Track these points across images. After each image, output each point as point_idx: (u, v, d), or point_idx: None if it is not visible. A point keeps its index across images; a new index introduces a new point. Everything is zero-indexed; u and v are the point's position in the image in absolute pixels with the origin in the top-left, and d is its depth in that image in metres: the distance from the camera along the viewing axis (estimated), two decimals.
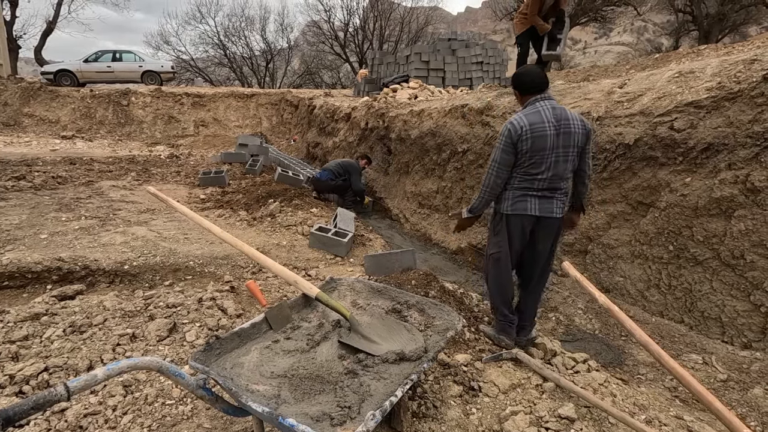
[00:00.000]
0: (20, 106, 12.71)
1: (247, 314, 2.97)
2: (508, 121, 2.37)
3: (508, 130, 2.33)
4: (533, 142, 2.29)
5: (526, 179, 2.39)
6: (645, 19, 30.79)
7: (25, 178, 6.25)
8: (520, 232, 2.48)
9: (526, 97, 2.43)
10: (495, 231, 2.57)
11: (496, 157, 2.39)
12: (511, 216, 2.46)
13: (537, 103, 2.38)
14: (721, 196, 2.95)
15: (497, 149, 2.39)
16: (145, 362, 1.25)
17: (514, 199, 2.44)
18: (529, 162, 2.34)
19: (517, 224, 2.46)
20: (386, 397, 1.39)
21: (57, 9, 18.74)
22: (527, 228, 2.48)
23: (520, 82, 2.45)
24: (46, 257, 3.43)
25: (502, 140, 2.36)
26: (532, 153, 2.31)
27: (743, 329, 2.84)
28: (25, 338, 2.40)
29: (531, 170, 2.36)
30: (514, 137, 2.31)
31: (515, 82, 2.48)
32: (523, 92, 2.45)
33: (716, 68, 3.43)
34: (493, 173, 2.42)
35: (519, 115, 2.37)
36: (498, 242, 2.55)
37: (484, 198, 2.52)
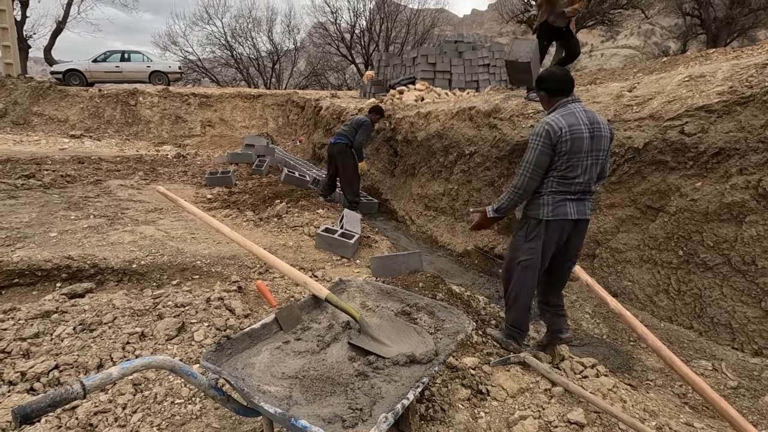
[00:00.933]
0: (30, 105, 12.83)
1: (255, 314, 2.98)
2: (544, 122, 2.29)
3: (546, 131, 2.24)
4: (572, 144, 2.24)
5: (563, 183, 2.33)
6: (652, 22, 30.66)
7: (35, 177, 6.31)
8: (558, 238, 2.41)
9: (555, 99, 2.38)
10: (528, 237, 2.45)
11: (532, 159, 2.29)
12: (551, 222, 2.37)
13: (569, 105, 2.33)
14: (732, 201, 2.93)
15: (533, 150, 2.29)
16: (158, 361, 1.26)
17: (554, 205, 2.35)
18: (566, 165, 2.28)
19: (556, 230, 2.39)
20: (398, 399, 1.38)
21: (66, 9, 18.93)
22: (566, 233, 2.41)
23: (549, 84, 2.39)
24: (56, 255, 3.46)
25: (539, 141, 2.27)
26: (570, 155, 2.26)
27: (754, 336, 2.81)
28: (35, 336, 2.42)
29: (568, 174, 2.30)
30: (553, 138, 2.23)
31: (543, 84, 2.42)
32: (551, 94, 2.39)
33: (728, 72, 3.40)
34: (527, 175, 2.32)
35: (555, 116, 2.29)
36: (530, 249, 2.44)
37: (514, 200, 2.41)
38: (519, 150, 4.64)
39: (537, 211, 2.40)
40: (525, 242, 2.47)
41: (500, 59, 11.46)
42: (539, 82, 2.45)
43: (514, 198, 2.41)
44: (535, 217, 2.41)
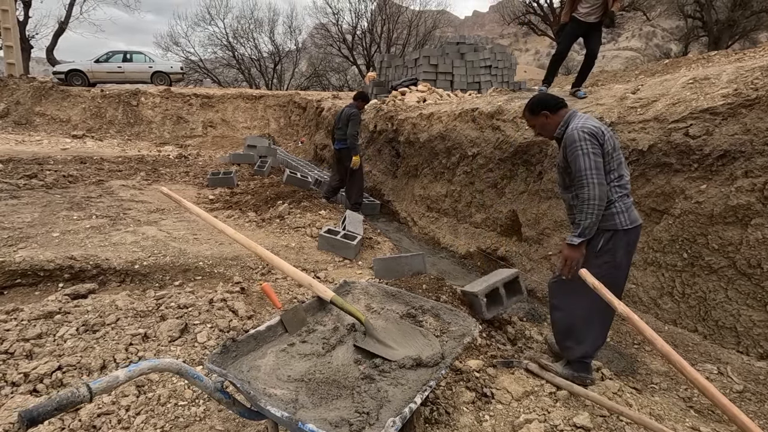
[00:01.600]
0: (32, 105, 12.84)
1: (258, 316, 2.97)
2: (578, 128, 2.17)
3: (588, 133, 2.13)
4: (613, 142, 2.19)
5: (623, 185, 2.21)
6: (654, 24, 30.65)
7: (37, 177, 6.31)
8: (634, 246, 2.29)
9: (562, 111, 2.35)
10: (599, 252, 2.23)
11: (590, 164, 2.10)
12: (630, 230, 2.21)
13: (578, 114, 2.31)
14: (738, 203, 2.92)
15: (585, 155, 2.11)
16: (165, 364, 1.25)
17: (628, 211, 2.21)
18: (615, 163, 2.19)
19: (634, 238, 2.26)
20: (405, 403, 1.37)
21: (69, 10, 18.97)
22: (638, 240, 2.29)
23: (548, 102, 2.36)
24: (59, 255, 3.46)
25: (586, 144, 2.12)
26: (615, 153, 2.19)
27: (759, 339, 2.80)
28: (38, 336, 2.41)
29: (621, 172, 2.21)
30: (599, 138, 2.14)
31: (543, 105, 2.36)
32: (557, 109, 2.35)
33: (732, 75, 3.39)
34: (594, 181, 2.09)
35: (579, 122, 2.21)
36: (601, 264, 2.20)
37: (595, 213, 2.12)
38: (522, 151, 4.63)
39: (612, 221, 2.19)
40: (595, 258, 2.23)
41: (502, 61, 11.47)
42: (538, 106, 2.38)
43: (593, 211, 2.12)
44: (611, 228, 2.20)
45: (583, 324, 2.37)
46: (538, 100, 2.41)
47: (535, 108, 2.40)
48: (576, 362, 2.41)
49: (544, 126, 2.40)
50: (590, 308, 2.27)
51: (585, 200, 2.12)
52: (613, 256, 2.23)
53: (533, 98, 2.45)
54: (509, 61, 11.57)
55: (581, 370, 2.39)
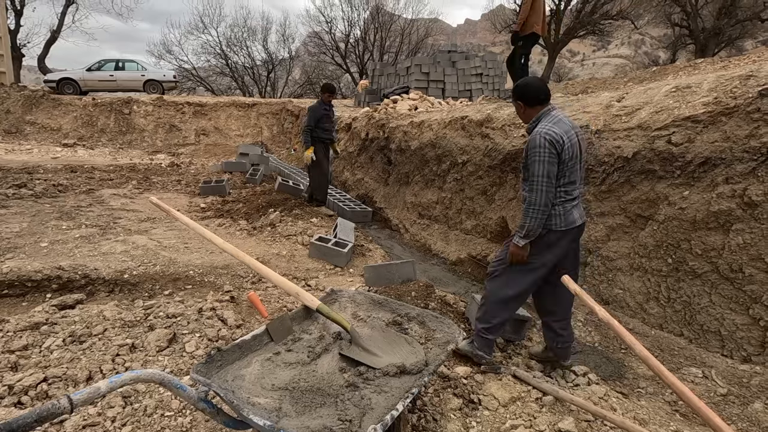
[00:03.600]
0: (22, 114, 12.78)
1: (247, 325, 2.97)
2: (542, 133, 2.24)
3: (549, 142, 2.21)
4: (571, 151, 2.26)
5: (568, 190, 2.33)
6: (642, 32, 31.20)
7: (26, 186, 6.27)
8: (565, 246, 2.41)
9: (536, 108, 2.37)
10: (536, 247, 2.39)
11: (543, 171, 2.22)
12: (565, 231, 2.35)
13: (552, 113, 2.34)
14: (719, 209, 2.98)
15: (541, 162, 2.22)
16: (147, 375, 1.26)
17: (565, 214, 2.34)
18: (568, 171, 2.29)
19: (568, 238, 2.39)
20: (387, 410, 1.39)
21: (61, 18, 18.95)
22: (572, 240, 2.42)
23: (528, 94, 2.38)
24: (47, 266, 3.44)
25: (544, 152, 2.21)
26: (570, 162, 2.27)
27: (743, 343, 2.84)
28: (24, 348, 2.40)
29: (571, 180, 2.32)
30: (557, 147, 2.21)
31: (522, 94, 2.39)
32: (531, 105, 2.38)
33: (713, 83, 3.47)
34: (543, 188, 2.23)
35: (547, 125, 2.28)
36: (533, 255, 2.39)
37: (538, 218, 2.28)
38: (510, 159, 4.69)
39: (549, 222, 2.34)
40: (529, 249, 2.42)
41: (493, 69, 11.61)
42: (517, 93, 2.42)
43: (537, 215, 2.28)
44: (546, 227, 2.34)
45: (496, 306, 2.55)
46: (519, 88, 2.42)
47: (515, 94, 2.45)
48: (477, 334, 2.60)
49: (518, 113, 2.49)
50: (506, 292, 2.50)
51: (531, 204, 2.28)
52: (541, 250, 2.39)
53: (518, 83, 2.47)
54: (500, 69, 11.71)
55: (478, 346, 2.59)
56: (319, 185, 6.22)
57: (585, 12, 20.66)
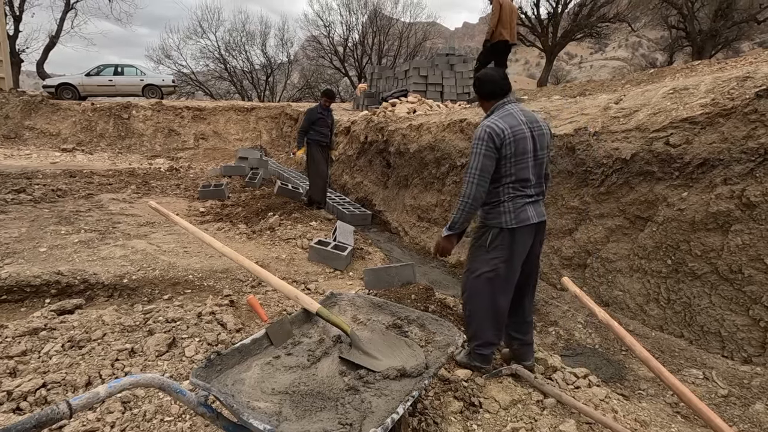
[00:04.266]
0: (21, 119, 12.79)
1: (247, 329, 2.96)
2: (484, 126, 2.21)
3: (488, 134, 2.17)
4: (516, 146, 2.19)
5: (518, 187, 2.27)
6: (639, 35, 31.36)
7: (25, 191, 6.27)
8: (524, 245, 2.35)
9: (492, 102, 2.34)
10: (489, 247, 2.34)
11: (477, 164, 2.19)
12: (516, 230, 2.28)
13: (506, 106, 2.29)
14: (718, 210, 2.98)
15: (477, 155, 2.19)
16: (146, 379, 1.25)
17: (516, 211, 2.27)
18: (515, 168, 2.22)
19: (522, 237, 2.32)
20: (387, 414, 1.38)
21: (60, 24, 18.98)
22: (530, 238, 2.36)
23: (483, 87, 2.34)
24: (45, 271, 3.43)
25: (482, 145, 2.18)
26: (516, 157, 2.20)
27: (743, 344, 2.84)
28: (23, 353, 2.39)
29: (521, 176, 2.25)
30: (497, 141, 2.16)
31: (478, 87, 2.36)
32: (486, 98, 2.35)
33: (710, 85, 3.49)
34: (474, 182, 2.21)
35: (493, 119, 2.23)
36: (491, 260, 2.33)
37: (466, 211, 2.27)
38: None
39: (498, 219, 2.29)
40: (484, 253, 2.36)
41: None
42: (474, 86, 2.41)
43: (464, 209, 2.27)
44: (497, 225, 2.30)
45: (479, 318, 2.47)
46: (475, 81, 2.40)
47: (473, 87, 2.44)
48: (473, 352, 2.52)
49: (481, 106, 2.46)
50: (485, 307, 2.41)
51: (462, 196, 2.26)
52: (501, 252, 2.32)
53: (477, 75, 2.43)
54: None
55: (476, 360, 2.52)
56: (317, 187, 6.24)
57: (582, 15, 20.78)
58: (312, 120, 6.00)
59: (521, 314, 2.57)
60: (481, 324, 2.45)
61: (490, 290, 2.38)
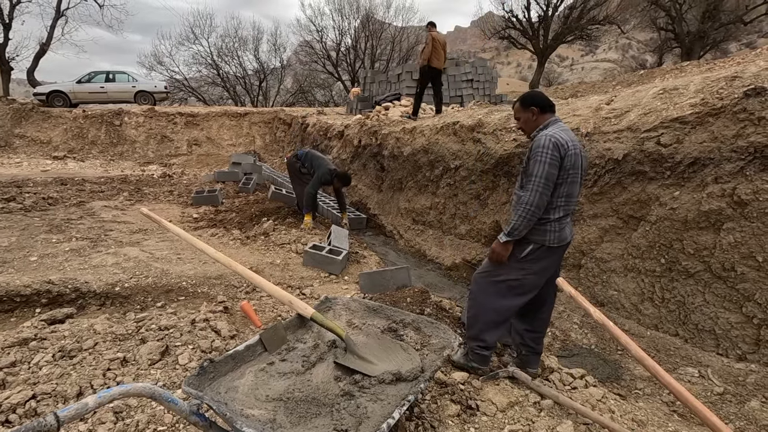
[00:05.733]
0: (11, 127, 12.66)
1: (241, 335, 2.93)
2: (548, 135, 2.20)
3: (553, 144, 2.15)
4: (574, 159, 2.20)
5: (568, 203, 2.28)
6: (629, 37, 31.72)
7: (15, 200, 6.19)
8: (557, 262, 2.38)
9: (546, 116, 2.34)
10: (524, 259, 2.33)
11: (543, 173, 2.14)
12: (556, 248, 2.31)
13: (560, 123, 2.32)
14: (710, 209, 3.00)
15: (542, 163, 2.15)
16: (137, 389, 1.23)
17: (560, 231, 2.29)
18: (569, 181, 2.22)
19: (557, 254, 2.36)
20: (383, 419, 1.37)
21: (50, 31, 18.85)
22: (561, 255, 2.39)
23: (540, 101, 2.36)
24: (36, 280, 3.38)
25: (547, 153, 2.15)
26: (573, 171, 2.21)
27: (737, 341, 2.85)
28: (12, 365, 2.35)
29: (571, 190, 2.25)
30: (561, 151, 2.16)
31: (535, 102, 2.36)
32: (544, 111, 2.35)
33: (699, 85, 3.52)
34: (540, 190, 2.16)
35: (554, 130, 2.24)
36: (521, 270, 2.33)
37: (528, 218, 2.20)
38: (503, 163, 4.71)
39: (543, 237, 2.28)
40: (518, 262, 2.34)
41: (483, 74, 11.71)
42: (531, 99, 2.38)
43: (527, 216, 2.20)
44: (539, 242, 2.29)
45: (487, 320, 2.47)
46: (531, 96, 2.41)
47: (526, 102, 2.38)
48: (472, 352, 2.53)
49: (527, 121, 2.39)
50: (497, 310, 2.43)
51: (525, 203, 2.19)
52: (533, 265, 2.34)
53: (528, 93, 2.49)
54: (490, 74, 11.82)
55: (475, 360, 2.52)
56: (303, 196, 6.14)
57: (572, 17, 20.99)
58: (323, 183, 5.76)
59: (540, 326, 2.60)
60: (488, 326, 2.46)
61: (509, 297, 2.39)
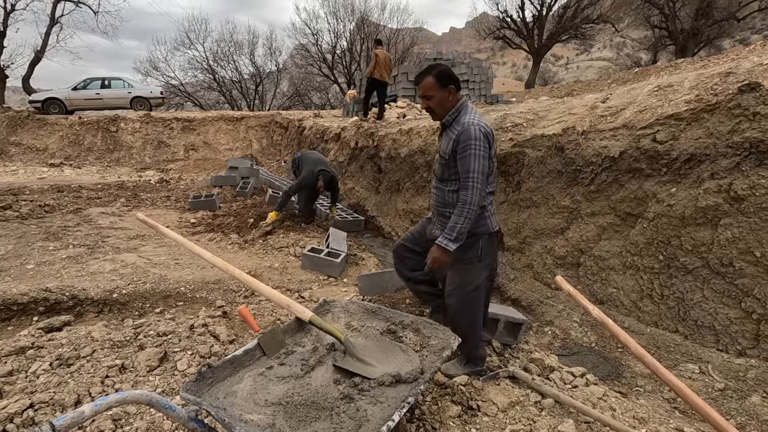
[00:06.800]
0: (7, 135, 12.63)
1: (240, 339, 2.92)
2: (476, 125, 2.05)
3: (484, 134, 2.03)
4: (494, 144, 2.11)
5: (491, 190, 2.20)
6: (623, 35, 31.85)
7: (12, 208, 6.17)
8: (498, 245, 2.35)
9: (459, 96, 2.17)
10: (482, 256, 2.23)
11: (480, 167, 2.03)
12: (495, 234, 2.25)
13: (470, 105, 2.18)
14: (707, 205, 3.00)
15: (478, 157, 2.02)
16: (134, 396, 1.22)
17: (495, 213, 2.23)
18: (493, 166, 2.14)
19: (497, 239, 2.30)
20: (383, 421, 1.36)
21: (45, 39, 18.83)
22: None
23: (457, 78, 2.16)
24: (33, 288, 3.36)
25: (480, 146, 2.02)
26: (494, 158, 2.14)
27: (737, 337, 2.85)
28: (9, 374, 2.33)
29: (492, 177, 2.18)
30: (490, 140, 2.06)
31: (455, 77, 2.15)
32: (458, 89, 2.16)
33: (694, 81, 3.53)
34: (479, 186, 2.04)
35: (474, 117, 2.10)
36: (484, 268, 2.26)
37: (472, 218, 2.08)
38: (499, 162, 4.71)
39: (486, 224, 2.20)
40: (479, 262, 2.25)
41: (479, 75, 11.73)
42: (449, 77, 2.14)
43: (471, 216, 2.07)
44: (485, 232, 2.20)
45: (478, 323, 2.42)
46: (448, 73, 2.15)
47: (444, 79, 2.12)
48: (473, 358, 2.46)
49: (443, 103, 2.16)
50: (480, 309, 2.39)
51: (466, 203, 2.04)
52: (490, 254, 2.27)
53: (441, 67, 2.17)
54: (486, 74, 11.84)
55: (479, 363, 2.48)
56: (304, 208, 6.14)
57: (567, 17, 21.08)
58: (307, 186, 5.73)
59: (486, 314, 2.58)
60: (477, 332, 2.43)
61: (482, 297, 2.37)
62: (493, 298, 3.69)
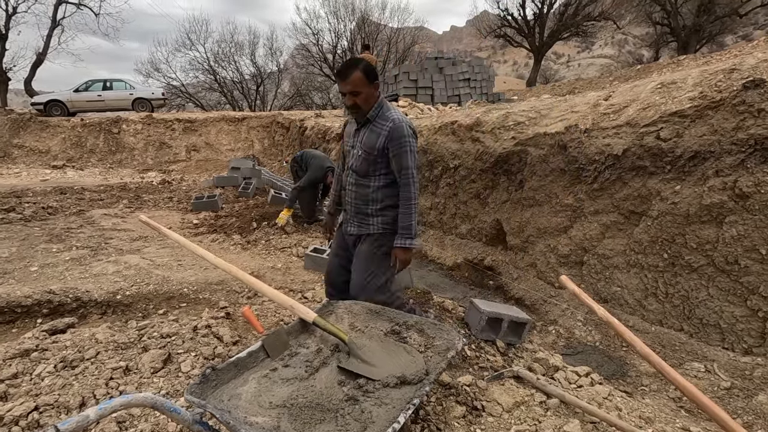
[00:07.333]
0: (10, 138, 12.68)
1: (244, 341, 2.92)
2: (405, 121, 2.11)
3: (413, 130, 2.10)
4: None
5: None
6: (625, 32, 31.76)
7: (15, 210, 6.19)
8: None
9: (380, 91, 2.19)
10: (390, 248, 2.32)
11: (415, 163, 2.11)
12: None
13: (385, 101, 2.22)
14: (711, 202, 2.99)
15: (412, 153, 2.09)
16: (138, 399, 1.22)
17: None
18: None
19: None
20: (389, 423, 1.35)
21: (47, 41, 18.89)
22: None
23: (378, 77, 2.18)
24: (36, 290, 3.37)
25: (412, 142, 2.09)
26: None
27: (743, 335, 2.83)
28: (14, 376, 2.33)
29: None
30: (416, 135, 2.14)
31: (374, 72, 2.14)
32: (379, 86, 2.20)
33: (697, 78, 3.51)
34: (416, 180, 2.15)
35: (397, 112, 2.17)
36: None
37: (415, 212, 2.19)
38: (502, 161, 4.69)
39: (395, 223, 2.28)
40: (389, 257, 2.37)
41: (480, 73, 11.71)
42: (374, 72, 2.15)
43: (415, 210, 2.19)
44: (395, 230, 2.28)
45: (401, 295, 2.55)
46: (373, 69, 2.16)
47: (371, 74, 2.12)
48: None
49: (368, 99, 2.15)
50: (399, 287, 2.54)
51: (410, 199, 2.14)
52: None
53: (366, 62, 2.16)
54: (487, 73, 11.82)
55: None
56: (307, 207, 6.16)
57: (568, 14, 21.02)
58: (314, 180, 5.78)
59: None
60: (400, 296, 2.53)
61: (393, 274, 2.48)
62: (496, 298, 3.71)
